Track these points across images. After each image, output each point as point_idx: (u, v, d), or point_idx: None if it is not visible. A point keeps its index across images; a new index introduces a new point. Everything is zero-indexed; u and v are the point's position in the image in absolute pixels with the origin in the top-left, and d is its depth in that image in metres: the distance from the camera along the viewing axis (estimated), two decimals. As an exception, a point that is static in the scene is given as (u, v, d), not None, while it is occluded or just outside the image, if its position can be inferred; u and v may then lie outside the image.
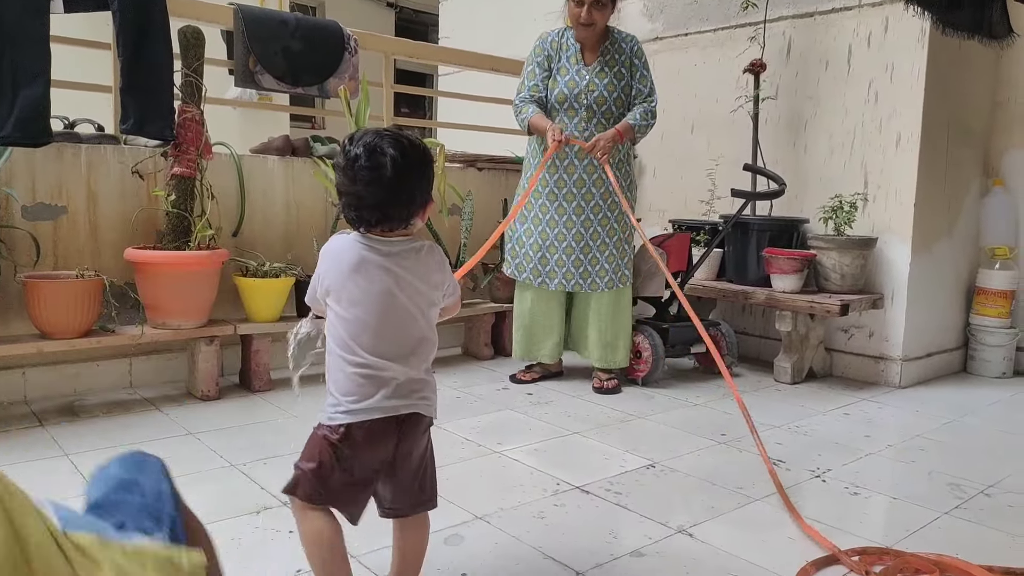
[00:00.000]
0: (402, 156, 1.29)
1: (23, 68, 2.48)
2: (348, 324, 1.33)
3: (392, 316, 1.33)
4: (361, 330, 1.32)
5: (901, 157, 3.41)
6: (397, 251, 1.35)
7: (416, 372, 1.35)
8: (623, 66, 3.08)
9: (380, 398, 1.31)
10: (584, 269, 3.15)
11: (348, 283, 1.33)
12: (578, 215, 3.13)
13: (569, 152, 3.08)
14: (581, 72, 3.08)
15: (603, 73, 3.07)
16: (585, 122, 3.08)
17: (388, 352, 1.32)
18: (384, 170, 1.27)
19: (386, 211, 1.31)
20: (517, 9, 5.36)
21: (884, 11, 3.43)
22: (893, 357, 3.48)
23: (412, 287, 1.35)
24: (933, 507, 2.08)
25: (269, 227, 3.34)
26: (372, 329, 1.32)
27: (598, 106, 3.06)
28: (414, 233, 1.40)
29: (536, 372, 3.34)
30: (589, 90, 3.06)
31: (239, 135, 4.23)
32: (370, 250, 1.34)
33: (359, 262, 1.33)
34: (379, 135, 1.30)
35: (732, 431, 2.70)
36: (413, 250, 1.37)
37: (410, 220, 1.35)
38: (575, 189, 3.12)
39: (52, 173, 2.82)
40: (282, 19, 3.40)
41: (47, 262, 2.79)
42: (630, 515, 1.96)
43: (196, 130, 2.84)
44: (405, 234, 1.37)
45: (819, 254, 3.44)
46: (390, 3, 9.45)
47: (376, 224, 1.33)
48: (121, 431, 2.48)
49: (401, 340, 1.34)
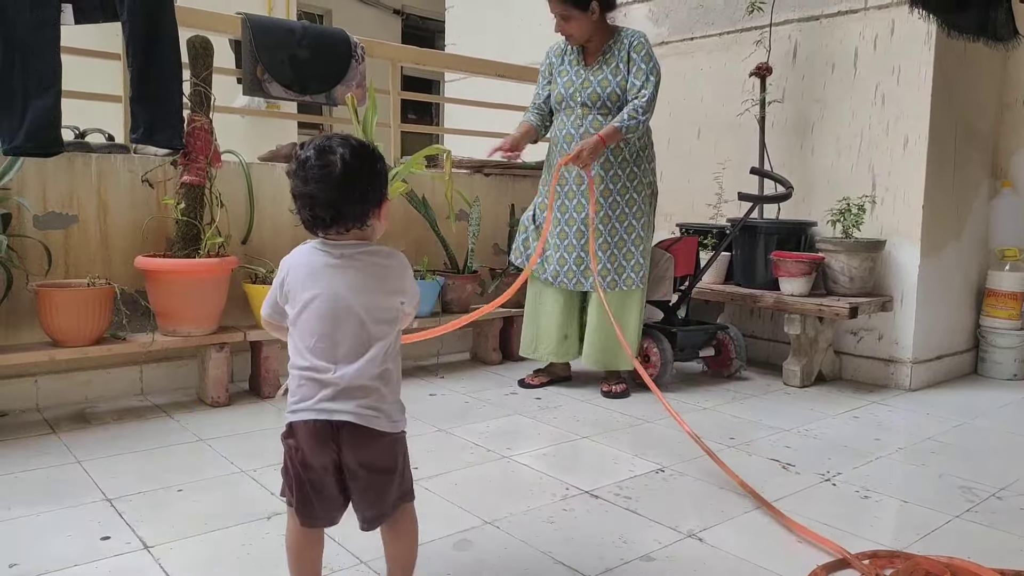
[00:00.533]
0: (351, 154, 1.32)
1: (34, 79, 2.51)
2: (298, 327, 1.36)
3: (337, 319, 1.33)
4: (308, 333, 1.34)
5: (909, 159, 3.40)
6: (349, 253, 1.36)
7: (362, 379, 1.32)
8: (621, 61, 3.06)
9: (316, 400, 1.32)
10: (586, 267, 3.12)
11: (300, 287, 1.35)
12: (579, 212, 3.12)
13: (567, 148, 3.07)
14: (579, 72, 3.11)
15: (599, 71, 3.07)
16: (580, 119, 3.08)
17: (330, 355, 1.33)
18: (334, 168, 1.30)
19: (339, 208, 1.32)
20: (523, 15, 5.37)
21: (890, 14, 3.43)
22: (903, 360, 3.46)
23: (363, 290, 1.35)
24: (944, 510, 2.07)
25: (278, 234, 3.35)
26: (316, 332, 1.33)
27: (592, 103, 3.05)
28: (372, 237, 1.40)
29: (544, 376, 3.34)
30: (583, 87, 3.07)
31: (247, 143, 4.26)
32: (323, 253, 1.36)
33: (311, 266, 1.36)
34: (328, 138, 1.34)
35: (741, 435, 2.70)
36: (367, 252, 1.37)
37: (365, 219, 1.36)
38: (575, 186, 3.12)
39: (63, 182, 2.84)
40: (289, 28, 3.43)
41: (58, 271, 2.82)
42: (640, 519, 1.96)
43: (205, 139, 2.86)
44: (362, 237, 1.38)
45: (827, 257, 3.43)
46: (397, 10, 9.49)
47: (332, 223, 1.34)
48: (132, 438, 2.50)
49: (346, 344, 1.33)
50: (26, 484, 2.09)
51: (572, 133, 3.10)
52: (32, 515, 1.89)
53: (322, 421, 1.31)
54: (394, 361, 1.39)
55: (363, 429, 1.32)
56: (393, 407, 1.37)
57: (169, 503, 1.98)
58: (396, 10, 9.49)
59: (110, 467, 2.23)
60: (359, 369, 1.32)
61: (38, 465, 2.23)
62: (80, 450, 2.36)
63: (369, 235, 1.39)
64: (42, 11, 2.52)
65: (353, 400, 1.32)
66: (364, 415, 1.32)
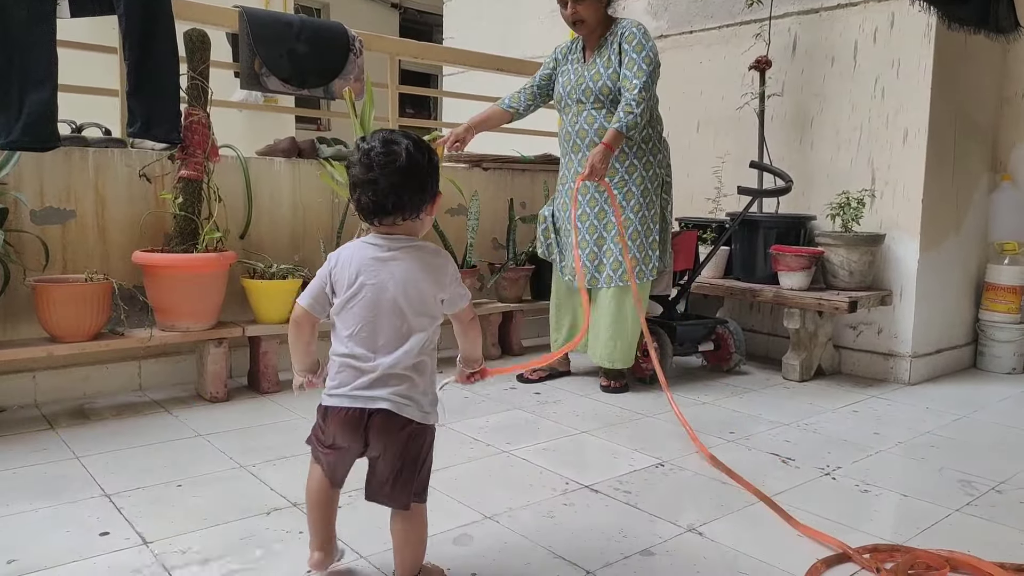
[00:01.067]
0: (414, 147, 1.42)
1: (30, 73, 2.50)
2: (341, 317, 1.43)
3: (380, 310, 1.41)
4: (351, 321, 1.42)
5: (908, 153, 3.40)
6: (398, 247, 1.44)
7: (398, 368, 1.40)
8: (612, 53, 3.00)
9: (352, 387, 1.41)
10: (599, 262, 3.10)
11: (347, 278, 1.43)
12: (592, 207, 3.10)
13: (581, 144, 3.06)
14: (577, 70, 3.09)
15: (592, 65, 3.04)
16: (575, 116, 3.07)
17: (370, 344, 1.41)
18: (399, 157, 1.39)
19: (400, 195, 1.40)
20: (521, 9, 5.36)
21: (890, 6, 3.42)
22: (902, 354, 3.46)
23: (408, 284, 1.42)
24: (944, 504, 2.07)
25: (276, 229, 3.34)
26: (360, 321, 1.42)
27: (585, 98, 3.02)
28: (420, 232, 1.49)
29: (543, 371, 3.33)
30: (578, 84, 3.04)
31: (245, 137, 4.24)
32: (373, 247, 1.44)
33: (360, 258, 1.43)
34: (391, 132, 1.44)
35: (741, 429, 2.70)
36: (415, 247, 1.45)
37: (421, 208, 1.44)
38: (573, 183, 3.09)
39: (60, 177, 2.83)
40: (287, 21, 3.41)
41: (56, 266, 2.81)
42: (639, 514, 1.96)
43: (203, 133, 2.85)
44: (411, 231, 1.46)
45: (827, 251, 3.43)
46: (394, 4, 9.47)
47: (393, 210, 1.41)
48: (131, 433, 2.49)
49: (386, 334, 1.41)
50: (24, 480, 2.09)
51: (569, 131, 3.10)
52: (31, 511, 1.88)
53: (356, 409, 1.40)
54: (430, 355, 1.46)
55: (395, 416, 1.40)
56: (425, 399, 1.44)
57: (168, 499, 1.98)
58: (394, 4, 9.46)
59: (109, 463, 2.22)
60: (396, 358, 1.40)
61: (36, 461, 2.23)
62: (79, 446, 2.36)
63: (418, 228, 1.48)
64: (38, 5, 2.50)
65: (388, 387, 1.40)
66: (398, 402, 1.40)
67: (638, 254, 3.08)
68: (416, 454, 1.43)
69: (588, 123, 3.03)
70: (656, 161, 3.11)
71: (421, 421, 1.43)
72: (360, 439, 1.41)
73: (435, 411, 1.47)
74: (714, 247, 3.52)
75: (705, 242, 3.66)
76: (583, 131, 3.05)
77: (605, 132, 2.96)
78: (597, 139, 3.00)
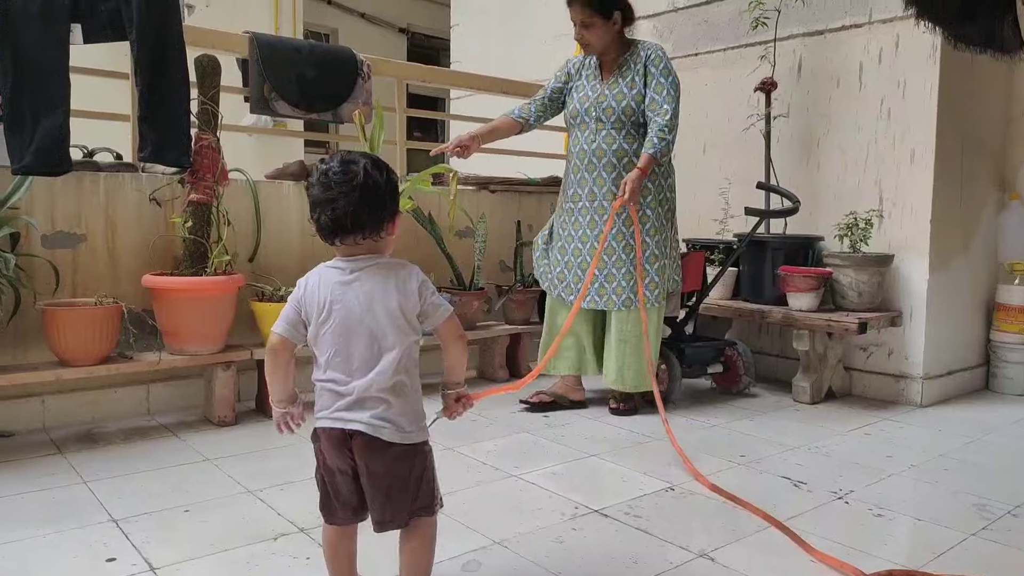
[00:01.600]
0: (372, 165, 1.41)
1: (43, 98, 2.53)
2: (317, 343, 1.43)
3: (350, 334, 1.41)
4: (325, 346, 1.43)
5: (916, 173, 3.39)
6: (360, 267, 1.43)
7: (372, 391, 1.40)
8: (637, 74, 3.00)
9: (333, 410, 1.42)
10: (600, 285, 3.05)
11: (316, 305, 1.43)
12: (592, 229, 3.07)
13: (598, 163, 3.02)
14: (595, 87, 3.07)
15: (615, 84, 3.02)
16: (593, 134, 3.03)
17: (345, 368, 1.41)
18: (356, 176, 1.38)
19: (359, 214, 1.38)
20: (527, 32, 5.40)
21: (895, 28, 3.43)
22: (913, 375, 3.43)
23: (373, 302, 1.41)
24: (959, 528, 2.04)
25: (285, 252, 3.36)
26: (332, 345, 1.42)
27: (606, 117, 3.00)
28: (385, 251, 1.47)
29: (545, 396, 3.22)
30: (598, 102, 3.02)
31: (254, 161, 4.27)
32: (336, 271, 1.44)
33: (326, 284, 1.43)
34: (348, 152, 1.44)
35: (751, 452, 2.67)
36: (377, 265, 1.44)
37: (380, 228, 1.43)
38: (588, 202, 3.07)
39: (71, 201, 2.85)
40: (296, 47, 3.45)
41: (66, 290, 2.82)
42: (650, 539, 1.94)
43: (212, 157, 2.87)
44: (375, 250, 1.45)
45: (835, 272, 3.42)
46: (402, 29, 9.56)
47: (352, 229, 1.39)
48: (139, 458, 2.49)
49: (359, 356, 1.41)
50: (32, 505, 2.08)
51: (585, 149, 3.06)
52: (38, 536, 1.87)
53: (338, 429, 1.41)
54: (408, 373, 1.44)
55: (373, 439, 1.39)
56: (404, 418, 1.42)
57: (175, 524, 1.97)
58: (402, 28, 9.56)
59: (116, 488, 2.21)
60: (370, 380, 1.40)
61: (44, 486, 2.22)
62: (86, 470, 2.35)
63: (382, 247, 1.46)
64: (51, 31, 2.54)
65: (366, 411, 1.40)
66: (374, 425, 1.39)
67: (656, 277, 3.05)
68: (407, 474, 1.42)
69: (607, 143, 3.01)
70: (667, 185, 3.13)
71: (402, 442, 1.41)
72: (347, 457, 1.42)
73: (420, 428, 1.44)
74: (722, 268, 3.51)
75: (713, 263, 3.66)
76: (601, 150, 3.02)
77: (624, 153, 2.98)
78: (616, 160, 3.00)
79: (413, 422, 1.43)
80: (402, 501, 1.43)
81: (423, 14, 9.55)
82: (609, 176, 3.02)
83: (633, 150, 3.00)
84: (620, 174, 3.00)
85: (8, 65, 2.49)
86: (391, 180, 1.44)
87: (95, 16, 2.65)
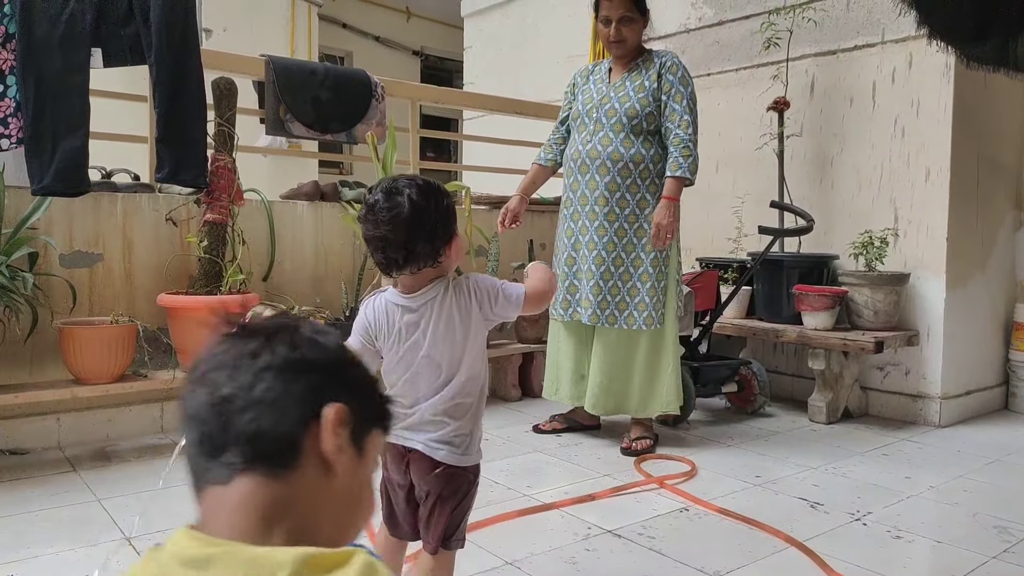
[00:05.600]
0: (418, 193, 1.36)
1: (64, 121, 2.57)
2: (383, 371, 1.47)
3: (417, 368, 1.43)
4: (392, 377, 1.46)
5: (931, 191, 3.37)
6: (420, 304, 1.43)
7: (431, 414, 1.42)
8: (648, 79, 2.84)
9: (397, 428, 1.43)
10: (620, 300, 2.86)
11: (382, 339, 1.45)
12: (583, 235, 2.90)
13: (591, 165, 2.85)
14: (600, 89, 2.92)
15: (621, 87, 2.87)
16: (590, 135, 2.86)
17: (410, 396, 1.44)
18: (402, 208, 1.34)
19: (411, 248, 1.36)
20: (538, 54, 5.45)
21: (907, 47, 3.43)
22: (931, 395, 3.39)
23: (438, 338, 1.42)
24: (980, 551, 2.01)
25: (298, 271, 3.38)
26: (399, 378, 1.45)
27: (607, 119, 2.84)
28: (446, 272, 1.45)
29: (559, 423, 3.13)
30: (601, 104, 2.87)
31: (269, 181, 4.32)
32: (399, 308, 1.44)
33: (390, 320, 1.44)
34: (394, 180, 1.39)
35: (767, 473, 2.64)
36: (435, 299, 1.42)
37: (436, 256, 1.39)
38: (579, 206, 2.90)
39: (89, 221, 2.89)
40: (312, 69, 3.49)
41: (83, 308, 2.85)
42: (664, 560, 1.91)
43: (228, 177, 2.91)
44: (435, 274, 1.42)
45: (851, 290, 3.39)
46: (416, 51, 9.67)
47: (405, 263, 1.38)
48: (152, 476, 2.49)
49: (424, 388, 1.44)
50: (46, 523, 2.09)
51: (579, 150, 2.89)
52: (51, 554, 1.88)
53: (400, 445, 1.45)
54: (471, 395, 1.45)
55: (427, 457, 1.43)
56: (459, 439, 1.44)
57: (188, 542, 1.96)
58: (415, 51, 9.66)
59: (130, 505, 2.22)
60: (432, 404, 1.43)
61: (58, 503, 2.23)
62: (100, 488, 2.36)
63: (443, 271, 1.44)
64: (72, 55, 2.58)
65: (423, 432, 1.43)
66: (431, 446, 1.42)
67: (647, 298, 2.85)
68: (451, 495, 1.43)
69: (603, 144, 2.83)
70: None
71: (455, 464, 1.43)
72: (405, 473, 1.45)
73: (475, 452, 1.48)
74: (736, 287, 3.49)
75: (727, 282, 3.64)
76: (595, 152, 2.84)
77: (619, 157, 2.81)
78: (610, 163, 2.82)
79: (469, 445, 1.46)
80: (438, 522, 1.45)
81: (436, 37, 9.66)
82: (602, 180, 2.83)
83: (629, 155, 2.81)
84: (613, 179, 2.82)
85: (31, 89, 2.53)
86: (441, 205, 1.39)
87: (115, 41, 2.70)
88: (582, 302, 2.92)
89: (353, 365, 0.70)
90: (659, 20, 4.47)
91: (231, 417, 0.64)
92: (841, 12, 3.65)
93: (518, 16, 5.67)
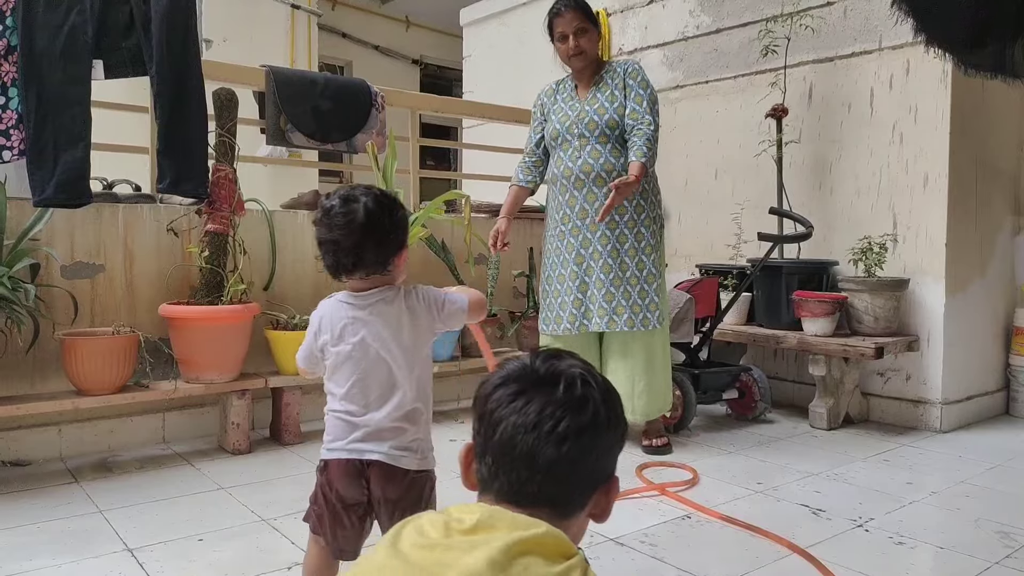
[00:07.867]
0: (373, 202, 1.41)
1: (65, 132, 2.58)
2: (332, 376, 1.46)
3: (367, 368, 1.43)
4: (340, 379, 1.45)
5: (930, 197, 3.38)
6: (369, 303, 1.44)
7: (390, 421, 1.42)
8: (616, 88, 2.92)
9: (348, 441, 1.42)
10: (616, 304, 2.89)
11: (332, 340, 1.45)
12: (585, 248, 2.93)
13: (586, 179, 2.90)
14: (573, 106, 2.98)
15: (595, 100, 2.94)
16: (578, 151, 2.91)
17: (361, 400, 1.43)
18: (356, 215, 1.39)
19: (360, 254, 1.40)
20: (536, 63, 5.46)
21: (905, 54, 3.45)
22: (932, 400, 3.39)
23: (387, 339, 1.44)
24: (982, 556, 2.00)
25: (299, 280, 3.38)
26: (349, 380, 1.44)
27: (589, 132, 2.90)
28: (394, 282, 1.48)
29: None
30: (579, 119, 2.92)
31: (270, 191, 4.33)
32: (349, 307, 1.45)
33: (341, 319, 1.45)
34: (352, 188, 1.44)
35: (768, 480, 2.64)
36: (384, 300, 1.45)
37: (385, 265, 1.43)
38: (579, 221, 2.93)
39: (91, 232, 2.90)
40: (312, 79, 3.51)
41: (84, 319, 2.85)
42: (667, 568, 1.91)
43: (229, 188, 2.92)
44: (383, 282, 1.45)
45: (850, 296, 3.40)
46: (415, 60, 9.70)
47: (353, 268, 1.41)
48: (154, 487, 2.49)
49: (373, 390, 1.43)
50: (48, 534, 2.09)
51: (570, 167, 2.93)
52: (53, 565, 1.88)
53: (354, 459, 1.41)
54: (423, 401, 1.47)
55: (390, 467, 1.41)
56: (421, 444, 1.45)
57: (190, 553, 1.96)
58: (415, 60, 9.69)
59: (132, 516, 2.22)
60: (387, 412, 1.42)
61: (60, 515, 2.23)
62: (102, 499, 2.36)
63: (390, 280, 1.47)
64: (74, 67, 2.60)
65: (384, 442, 1.42)
66: (392, 455, 1.41)
67: (656, 298, 2.91)
68: (416, 501, 1.44)
69: (593, 158, 2.89)
70: (657, 201, 3.06)
71: (419, 468, 1.44)
72: (361, 487, 1.42)
73: (431, 457, 1.48)
74: (736, 293, 3.50)
75: (726, 289, 3.65)
76: (587, 166, 2.88)
77: (612, 167, 2.87)
78: (605, 174, 2.86)
79: (427, 449, 1.47)
80: None
81: (436, 46, 9.69)
82: (600, 191, 2.87)
83: (621, 164, 2.88)
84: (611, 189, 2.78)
85: (33, 101, 2.55)
86: (394, 216, 1.43)
87: (116, 53, 2.72)
88: (595, 312, 2.93)
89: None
90: (657, 28, 4.50)
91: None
92: (838, 19, 3.67)
93: (517, 25, 5.69)
